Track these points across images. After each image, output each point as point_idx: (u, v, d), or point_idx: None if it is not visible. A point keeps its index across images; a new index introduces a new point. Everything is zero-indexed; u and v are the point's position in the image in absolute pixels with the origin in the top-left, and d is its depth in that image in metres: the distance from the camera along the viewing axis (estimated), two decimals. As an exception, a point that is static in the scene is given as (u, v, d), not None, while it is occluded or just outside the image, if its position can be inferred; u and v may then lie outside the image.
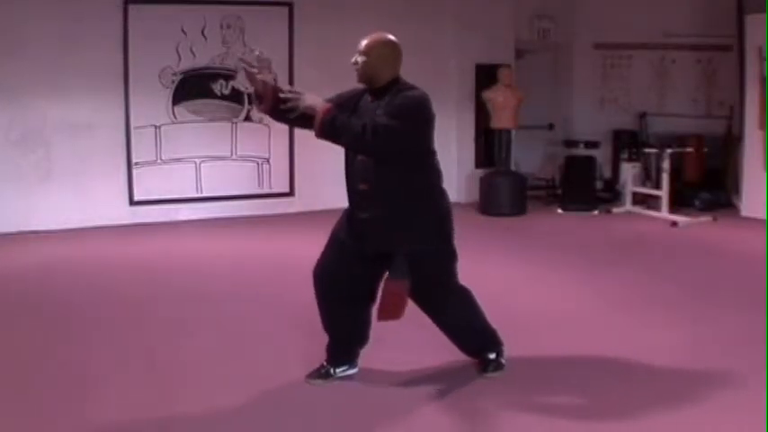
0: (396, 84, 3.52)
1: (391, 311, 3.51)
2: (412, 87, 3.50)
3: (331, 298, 3.67)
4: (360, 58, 3.52)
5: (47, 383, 3.72)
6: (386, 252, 3.52)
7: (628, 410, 3.44)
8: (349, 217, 3.63)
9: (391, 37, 3.58)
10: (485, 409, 3.48)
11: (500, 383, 3.72)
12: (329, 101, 3.55)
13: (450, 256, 3.63)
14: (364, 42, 3.54)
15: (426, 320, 3.77)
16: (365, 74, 3.53)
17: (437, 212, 3.57)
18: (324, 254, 3.72)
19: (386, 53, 3.52)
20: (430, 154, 3.56)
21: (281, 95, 3.51)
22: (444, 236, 3.59)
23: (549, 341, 4.35)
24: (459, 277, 3.72)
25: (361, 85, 3.62)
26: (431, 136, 3.55)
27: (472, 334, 3.82)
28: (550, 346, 4.27)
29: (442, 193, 3.62)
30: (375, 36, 3.56)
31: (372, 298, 3.69)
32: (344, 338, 3.75)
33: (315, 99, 3.44)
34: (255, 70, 3.56)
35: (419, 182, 3.51)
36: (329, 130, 3.37)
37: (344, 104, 3.58)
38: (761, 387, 3.58)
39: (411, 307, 3.68)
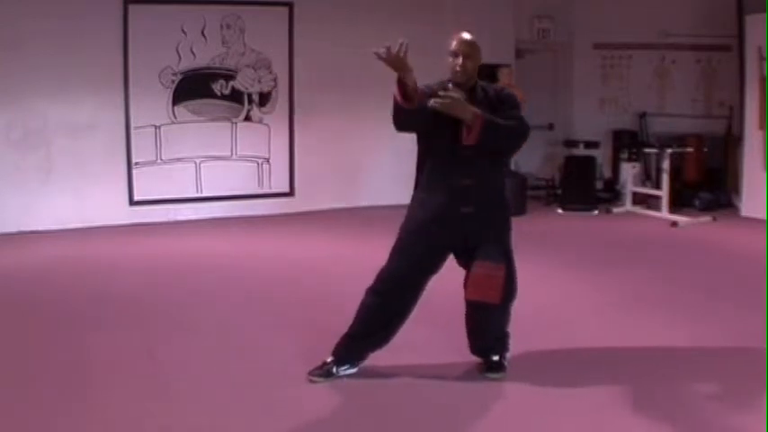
0: (479, 80, 3.69)
1: (485, 293, 3.58)
2: (492, 83, 3.76)
3: (387, 301, 3.66)
4: (468, 63, 3.55)
5: (47, 383, 3.72)
6: (479, 243, 3.61)
7: (628, 409, 3.44)
8: (446, 212, 3.60)
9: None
10: (483, 408, 3.48)
11: (501, 384, 3.72)
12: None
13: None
14: (461, 45, 3.56)
15: (427, 320, 3.77)
16: (469, 75, 3.60)
17: (510, 211, 3.81)
18: (397, 259, 3.66)
19: (480, 52, 3.63)
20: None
21: (442, 93, 3.47)
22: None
23: (549, 341, 4.35)
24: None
25: (432, 82, 3.67)
26: None
27: (492, 336, 3.85)
28: (550, 345, 4.27)
29: None
30: (466, 36, 3.60)
31: (415, 306, 3.73)
32: (367, 337, 3.73)
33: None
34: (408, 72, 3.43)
35: (504, 175, 3.80)
36: (491, 131, 3.46)
37: (429, 95, 3.56)
38: (761, 387, 3.58)
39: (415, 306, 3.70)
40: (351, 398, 3.58)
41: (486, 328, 3.82)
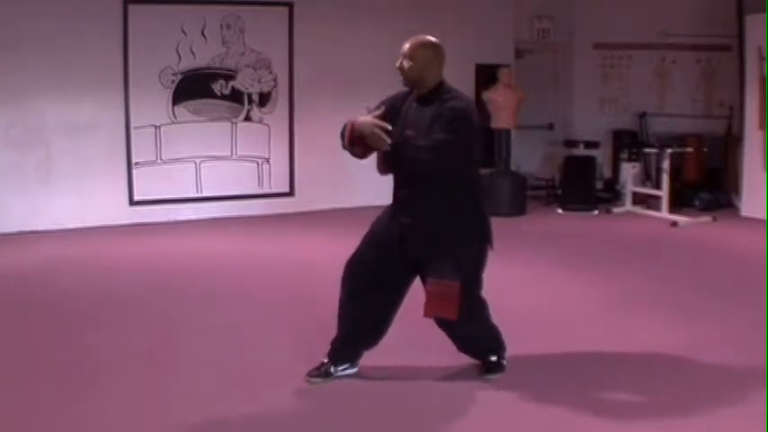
0: (441, 88, 3.50)
1: (442, 310, 3.50)
2: (457, 95, 3.48)
3: (359, 292, 3.63)
4: (405, 63, 3.47)
5: (47, 383, 3.72)
6: (422, 259, 3.53)
7: (627, 410, 3.44)
8: (390, 219, 3.63)
9: (434, 39, 3.54)
10: (484, 409, 3.48)
11: (500, 384, 3.72)
12: (377, 108, 3.56)
13: (480, 264, 3.63)
14: (408, 46, 3.49)
15: (427, 320, 3.76)
16: (411, 78, 3.50)
17: (476, 223, 3.58)
18: (360, 247, 3.69)
19: (431, 56, 3.48)
20: (473, 162, 3.59)
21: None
22: (478, 248, 3.60)
23: (549, 341, 4.34)
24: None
25: (404, 89, 3.61)
26: (476, 145, 3.57)
27: (477, 341, 3.82)
28: (550, 346, 4.27)
29: (483, 202, 3.64)
30: (419, 39, 3.51)
31: (398, 302, 3.70)
32: (358, 335, 3.72)
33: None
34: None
35: (461, 190, 3.52)
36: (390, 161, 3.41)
37: (391, 108, 3.55)
38: (761, 387, 3.58)
39: (409, 306, 3.69)
40: (350, 398, 3.58)
41: (460, 335, 3.76)
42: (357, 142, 3.43)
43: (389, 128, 3.37)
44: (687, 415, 3.38)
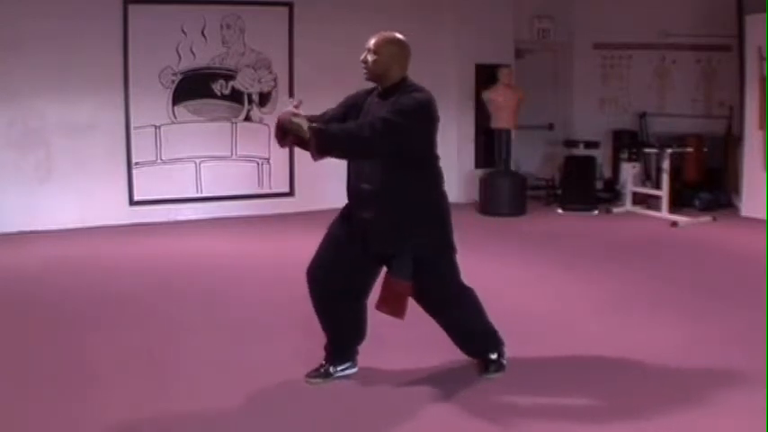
0: (404, 83, 3.51)
1: (392, 309, 3.52)
2: (419, 89, 3.49)
3: (326, 295, 3.65)
4: (369, 57, 3.48)
5: (46, 383, 3.72)
6: (386, 253, 3.52)
7: (628, 410, 3.44)
8: (348, 216, 3.63)
9: (400, 35, 3.55)
10: (485, 409, 3.48)
11: (501, 384, 3.72)
12: (339, 106, 3.61)
13: (451, 255, 3.63)
14: (373, 40, 3.50)
15: (427, 320, 3.77)
16: (375, 72, 3.49)
17: (438, 215, 3.58)
18: (319, 252, 3.71)
19: (395, 51, 3.49)
20: (432, 157, 3.57)
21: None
22: (445, 237, 3.60)
23: (549, 341, 4.34)
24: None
25: (368, 86, 3.61)
26: (433, 139, 3.54)
27: (473, 335, 3.82)
28: (550, 346, 4.27)
29: (443, 196, 3.63)
30: (384, 34, 3.52)
31: (367, 292, 3.70)
32: (342, 335, 3.74)
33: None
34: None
35: (421, 184, 3.51)
36: (325, 143, 3.28)
37: (352, 106, 3.59)
38: (761, 387, 3.58)
39: (412, 306, 3.68)
40: (349, 399, 3.58)
41: (453, 326, 3.76)
42: (285, 136, 3.40)
43: (301, 114, 3.33)
44: (686, 415, 3.38)
